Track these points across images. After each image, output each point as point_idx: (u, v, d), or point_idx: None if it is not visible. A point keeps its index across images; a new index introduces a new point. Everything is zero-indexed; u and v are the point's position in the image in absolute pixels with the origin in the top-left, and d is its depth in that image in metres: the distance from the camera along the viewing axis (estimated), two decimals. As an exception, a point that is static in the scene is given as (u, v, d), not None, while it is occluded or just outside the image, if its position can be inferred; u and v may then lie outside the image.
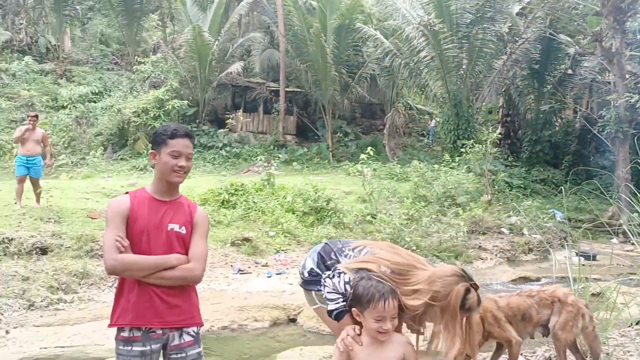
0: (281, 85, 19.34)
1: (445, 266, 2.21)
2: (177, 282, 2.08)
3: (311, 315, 5.31)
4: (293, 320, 5.88)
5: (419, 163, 13.02)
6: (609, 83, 14.92)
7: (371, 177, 12.12)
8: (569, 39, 16.54)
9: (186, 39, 18.14)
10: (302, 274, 2.42)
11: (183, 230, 2.13)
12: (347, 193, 11.97)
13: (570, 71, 17.40)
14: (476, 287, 2.05)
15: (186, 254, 2.11)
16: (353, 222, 10.00)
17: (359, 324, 2.06)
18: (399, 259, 2.15)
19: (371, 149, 12.23)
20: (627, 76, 14.14)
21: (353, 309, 2.06)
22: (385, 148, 18.17)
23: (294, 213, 10.01)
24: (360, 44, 19.02)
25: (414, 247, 8.72)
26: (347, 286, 2.12)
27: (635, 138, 13.65)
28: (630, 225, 4.30)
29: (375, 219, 10.05)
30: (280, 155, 17.20)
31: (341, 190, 12.07)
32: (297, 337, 5.50)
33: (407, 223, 9.81)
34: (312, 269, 2.36)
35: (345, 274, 2.14)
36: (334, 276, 2.17)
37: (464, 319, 2.05)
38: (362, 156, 12.02)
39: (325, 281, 2.20)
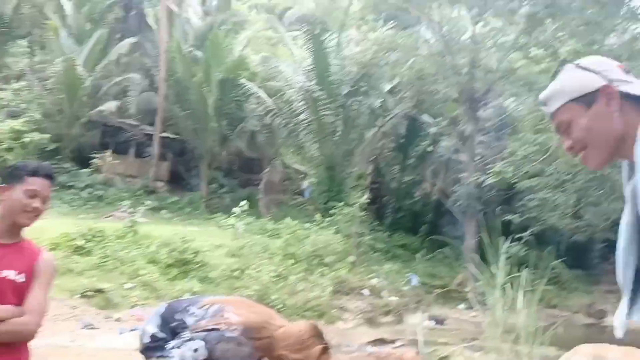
0: (157, 130, 18.83)
1: (299, 323, 2.15)
2: (6, 338, 1.82)
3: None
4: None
5: (291, 221, 13.27)
6: (462, 162, 16.68)
7: (243, 231, 12.08)
8: (431, 119, 18.38)
9: (56, 70, 17.10)
10: (142, 339, 2.13)
11: (21, 279, 1.87)
12: (217, 246, 11.73)
13: (430, 148, 19.18)
14: (329, 347, 2.06)
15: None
16: (220, 277, 9.81)
17: None
18: (251, 316, 2.06)
19: (246, 203, 12.26)
20: (477, 158, 15.98)
21: None
22: (259, 203, 18.27)
23: (156, 264, 9.56)
24: (243, 100, 19.31)
25: (281, 306, 8.75)
26: (196, 354, 1.95)
27: (482, 213, 15.36)
28: (474, 292, 4.78)
29: (243, 274, 9.97)
30: (149, 202, 16.48)
31: (211, 242, 11.82)
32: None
33: (275, 280, 9.85)
34: (153, 334, 2.10)
35: (192, 340, 1.97)
36: (180, 345, 1.98)
37: None
38: (235, 209, 11.99)
39: (170, 352, 2.00)
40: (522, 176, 12.68)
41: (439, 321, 7.80)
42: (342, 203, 13.56)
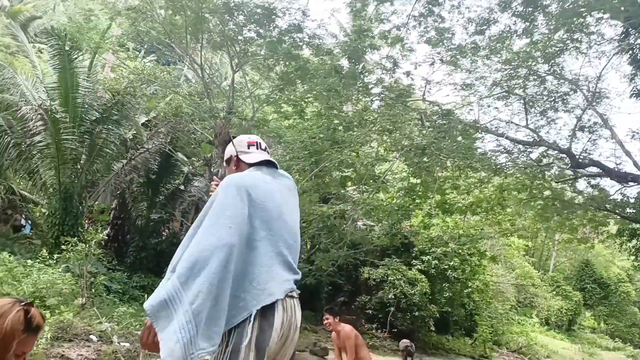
0: None
1: None
2: None
3: None
4: None
5: (9, 256, 11.40)
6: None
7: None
8: (185, 158, 18.26)
9: None
10: None
11: None
12: None
13: (182, 187, 18.97)
14: (32, 304, 1.86)
15: None
16: None
17: None
18: None
19: (-53, 233, 10.09)
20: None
21: None
22: (-32, 234, 15.30)
23: None
24: (-39, 109, 16.26)
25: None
26: None
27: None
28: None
29: None
30: None
31: None
32: None
33: (-24, 326, 8.20)
34: None
35: None
36: None
37: None
38: None
39: None
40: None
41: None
42: (75, 238, 12.25)
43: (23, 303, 1.82)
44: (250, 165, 2.66)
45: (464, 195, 16.40)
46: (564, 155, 14.81)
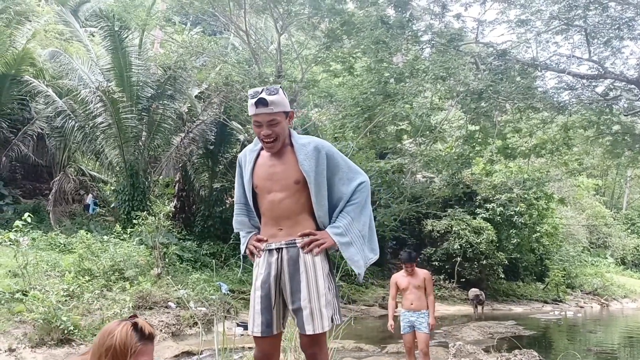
0: None
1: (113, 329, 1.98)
2: None
3: None
4: None
5: (86, 233, 12.09)
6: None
7: (28, 247, 10.61)
8: (240, 126, 18.49)
9: None
10: None
11: None
12: (-7, 266, 10.14)
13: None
14: (136, 316, 1.96)
15: None
16: (-3, 300, 8.45)
17: None
18: None
19: (29, 215, 10.77)
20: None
21: None
22: (49, 215, 16.32)
23: None
24: (28, 99, 17.11)
25: (72, 328, 7.86)
26: None
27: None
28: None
29: (27, 296, 8.73)
30: None
31: (-14, 262, 10.18)
32: None
33: (65, 300, 8.82)
34: None
35: None
36: None
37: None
38: (17, 223, 10.47)
39: None
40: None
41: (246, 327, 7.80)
42: (144, 212, 12.80)
43: (127, 318, 1.93)
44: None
45: (527, 138, 15.77)
46: (633, 86, 13.85)
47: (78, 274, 10.22)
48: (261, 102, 2.52)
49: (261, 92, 2.55)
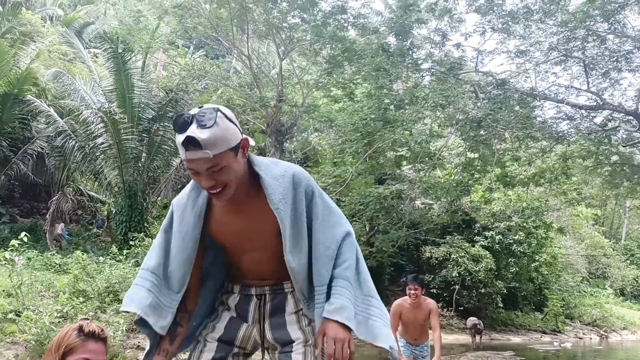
0: None
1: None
2: None
3: None
4: None
5: (82, 254, 12.00)
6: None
7: (24, 267, 10.51)
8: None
9: None
10: None
11: None
12: (-14, 286, 10.02)
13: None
14: (87, 319, 1.96)
15: None
16: (-11, 321, 8.33)
17: None
18: None
19: (25, 235, 10.69)
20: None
21: None
22: (46, 235, 16.23)
23: None
24: (29, 118, 17.19)
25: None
26: None
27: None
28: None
29: (20, 316, 8.62)
30: None
31: (-21, 282, 10.05)
32: None
33: (59, 322, 8.70)
34: None
35: None
36: None
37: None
38: (13, 242, 10.39)
39: None
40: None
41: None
42: (142, 234, 12.74)
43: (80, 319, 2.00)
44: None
45: (526, 167, 15.82)
46: (631, 118, 13.96)
47: (72, 295, 10.10)
48: (191, 143, 1.65)
49: (189, 122, 1.66)
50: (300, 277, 1.93)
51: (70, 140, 15.44)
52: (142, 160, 15.69)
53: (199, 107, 1.70)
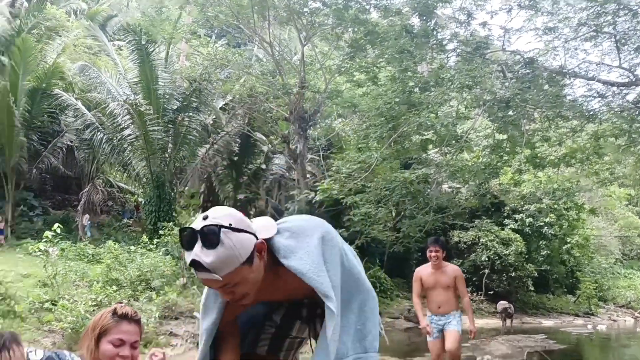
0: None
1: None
2: None
3: None
4: None
5: (114, 244, 12.23)
6: (294, 180, 17.11)
7: (58, 257, 10.78)
8: (263, 137, 18.58)
9: None
10: None
11: None
12: (24, 276, 10.33)
13: (263, 166, 19.38)
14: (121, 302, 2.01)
15: None
16: (27, 310, 8.58)
17: None
18: None
19: (59, 226, 10.94)
20: (307, 175, 16.49)
21: None
22: (78, 226, 16.60)
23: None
24: (58, 112, 17.50)
25: (99, 337, 7.91)
26: None
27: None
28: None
29: (56, 305, 8.85)
30: None
31: (17, 272, 10.37)
32: None
33: (93, 310, 8.90)
34: None
35: None
36: None
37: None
38: (47, 233, 10.65)
39: None
40: (347, 192, 13.36)
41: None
42: (171, 223, 12.90)
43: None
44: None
45: (556, 147, 15.39)
46: (667, 93, 13.43)
47: (106, 284, 10.33)
48: (198, 267, 1.51)
49: (194, 241, 1.50)
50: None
51: (99, 133, 15.68)
52: (169, 151, 15.84)
53: (204, 219, 1.53)
